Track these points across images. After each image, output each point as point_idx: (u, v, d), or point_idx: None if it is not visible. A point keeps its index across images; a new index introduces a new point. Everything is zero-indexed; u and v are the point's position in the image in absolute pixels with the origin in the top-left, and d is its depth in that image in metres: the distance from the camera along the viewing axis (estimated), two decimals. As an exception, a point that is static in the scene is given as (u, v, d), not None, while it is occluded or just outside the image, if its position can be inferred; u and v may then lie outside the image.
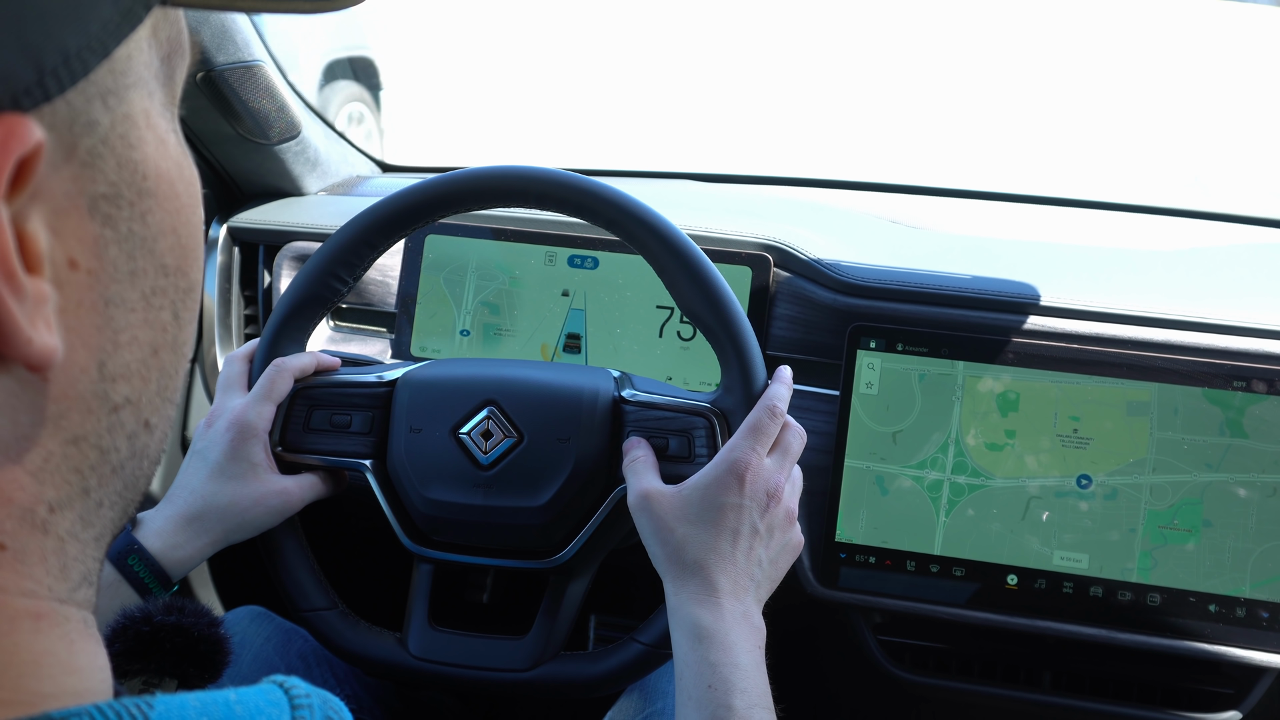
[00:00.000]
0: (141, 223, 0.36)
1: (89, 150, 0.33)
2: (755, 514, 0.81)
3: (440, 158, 7.06)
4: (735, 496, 0.80)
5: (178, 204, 0.38)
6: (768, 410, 0.84)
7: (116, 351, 0.36)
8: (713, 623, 0.77)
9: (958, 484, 1.12)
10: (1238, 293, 1.21)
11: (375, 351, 1.31)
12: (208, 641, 0.57)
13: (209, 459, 0.89)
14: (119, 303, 0.35)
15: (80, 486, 0.36)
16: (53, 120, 0.31)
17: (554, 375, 0.94)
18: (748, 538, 0.80)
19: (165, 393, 0.39)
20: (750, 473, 0.81)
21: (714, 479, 0.81)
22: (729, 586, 0.79)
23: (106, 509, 0.37)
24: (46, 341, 0.32)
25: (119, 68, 0.34)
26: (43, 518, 0.34)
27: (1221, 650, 1.08)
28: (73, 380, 0.34)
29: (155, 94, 0.37)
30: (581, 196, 0.90)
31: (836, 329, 1.19)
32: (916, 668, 1.22)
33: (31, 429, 0.33)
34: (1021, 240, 1.47)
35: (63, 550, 0.35)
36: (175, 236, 0.38)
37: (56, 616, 0.35)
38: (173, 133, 0.38)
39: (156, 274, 0.37)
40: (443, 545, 0.93)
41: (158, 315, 0.37)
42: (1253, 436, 1.08)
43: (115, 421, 0.36)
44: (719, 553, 0.79)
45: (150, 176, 0.36)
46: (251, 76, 1.30)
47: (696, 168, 1.83)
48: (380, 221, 0.93)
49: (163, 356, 0.38)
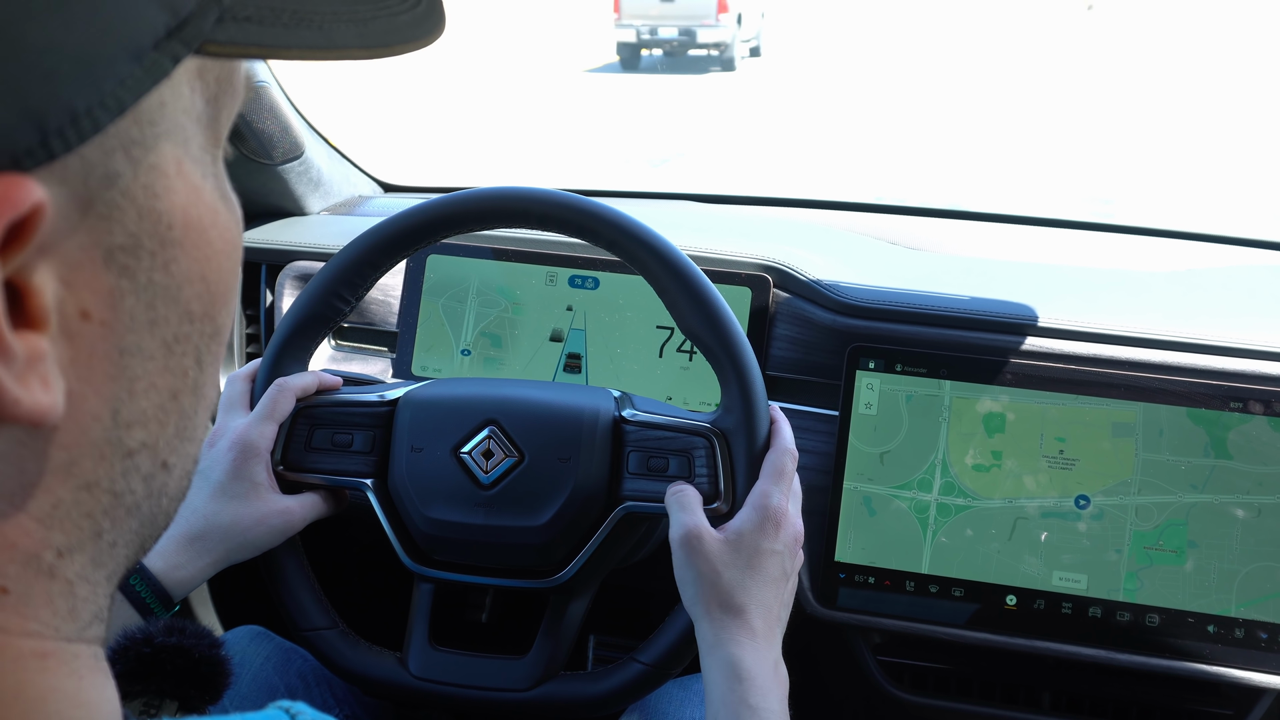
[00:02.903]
0: (164, 272, 0.34)
1: (107, 202, 0.32)
2: (787, 559, 0.84)
3: (442, 178, 7.08)
4: (772, 542, 0.83)
5: (208, 251, 0.36)
6: (788, 454, 0.87)
7: (132, 399, 0.35)
8: (753, 665, 0.79)
9: (945, 505, 1.13)
10: (1234, 313, 1.22)
11: (377, 371, 1.32)
12: (209, 663, 0.57)
13: (211, 479, 0.89)
14: (135, 352, 0.34)
15: (92, 531, 0.35)
16: (64, 175, 0.30)
17: (554, 395, 0.95)
18: (779, 583, 0.84)
19: (185, 433, 0.38)
20: (786, 520, 0.84)
21: (757, 525, 0.84)
22: (765, 631, 0.81)
23: (121, 548, 0.37)
24: (39, 400, 0.31)
25: (147, 117, 0.33)
26: (49, 562, 0.34)
27: (1220, 671, 1.08)
28: (84, 428, 0.33)
29: (193, 138, 0.35)
30: (582, 217, 0.91)
31: (835, 349, 1.19)
32: (915, 688, 1.22)
33: (38, 476, 0.33)
34: (1020, 261, 1.48)
35: (71, 593, 0.35)
36: (204, 284, 0.36)
37: (64, 655, 0.34)
38: (211, 176, 0.37)
39: (180, 321, 0.36)
40: (443, 564, 0.93)
41: (179, 362, 0.36)
42: (1237, 458, 1.09)
43: (130, 466, 0.35)
44: (760, 599, 0.82)
45: (177, 226, 0.34)
46: (256, 98, 1.31)
47: (696, 189, 1.84)
48: (383, 242, 0.94)
49: (182, 400, 0.37)
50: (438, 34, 0.40)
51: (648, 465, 0.90)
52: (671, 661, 0.90)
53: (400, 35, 0.38)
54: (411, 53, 0.39)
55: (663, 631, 0.90)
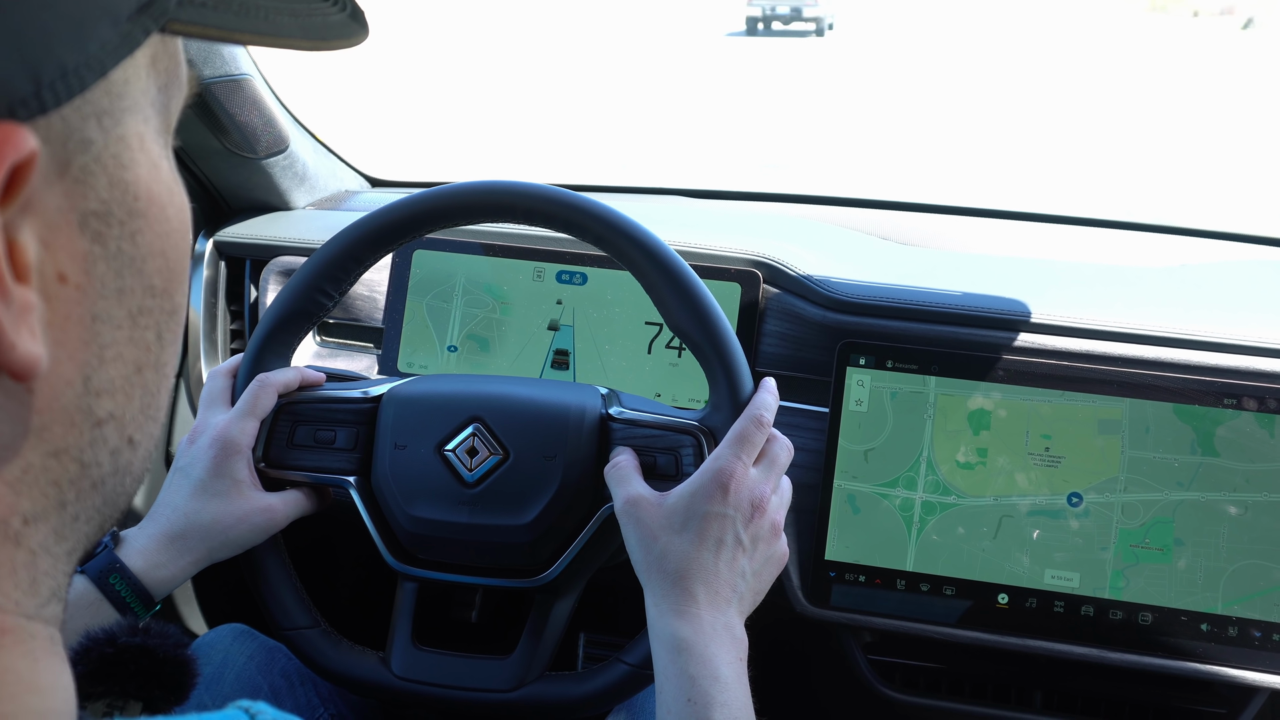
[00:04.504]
0: (131, 242, 0.36)
1: (82, 167, 0.34)
2: (739, 524, 0.80)
3: (428, 172, 7.06)
4: (719, 506, 0.79)
5: (168, 227, 0.38)
6: (754, 420, 0.83)
7: (101, 367, 0.36)
8: (691, 634, 0.75)
9: (930, 503, 1.12)
10: (1229, 309, 1.21)
11: (361, 367, 1.30)
12: (173, 663, 0.56)
13: (192, 476, 0.88)
14: (105, 319, 0.36)
15: (57, 500, 0.35)
16: (48, 134, 0.32)
17: (540, 392, 0.93)
18: (731, 548, 0.79)
19: (149, 410, 0.39)
20: (735, 482, 0.80)
21: (698, 488, 0.80)
22: (708, 598, 0.78)
23: (83, 523, 0.37)
24: (30, 349, 0.32)
25: (116, 90, 0.35)
26: (16, 529, 0.34)
27: (1214, 670, 1.08)
28: (57, 393, 0.34)
29: (151, 120, 0.38)
30: (569, 212, 0.89)
31: (826, 346, 1.18)
32: (907, 687, 1.21)
33: (12, 440, 0.33)
34: (1012, 256, 1.47)
35: (34, 564, 0.35)
36: (164, 259, 0.38)
37: (22, 633, 0.34)
38: (165, 159, 0.39)
39: (144, 294, 0.37)
40: (427, 563, 0.92)
41: (142, 334, 0.38)
42: (1224, 455, 1.08)
43: (98, 436, 0.36)
44: (700, 563, 0.78)
45: (142, 198, 0.37)
46: (239, 90, 1.29)
47: (686, 183, 1.83)
48: (367, 236, 0.92)
49: (146, 375, 0.38)
50: (364, 35, 0.45)
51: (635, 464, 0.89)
52: None
53: (335, 31, 0.43)
54: (345, 49, 0.44)
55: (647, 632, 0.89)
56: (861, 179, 7.82)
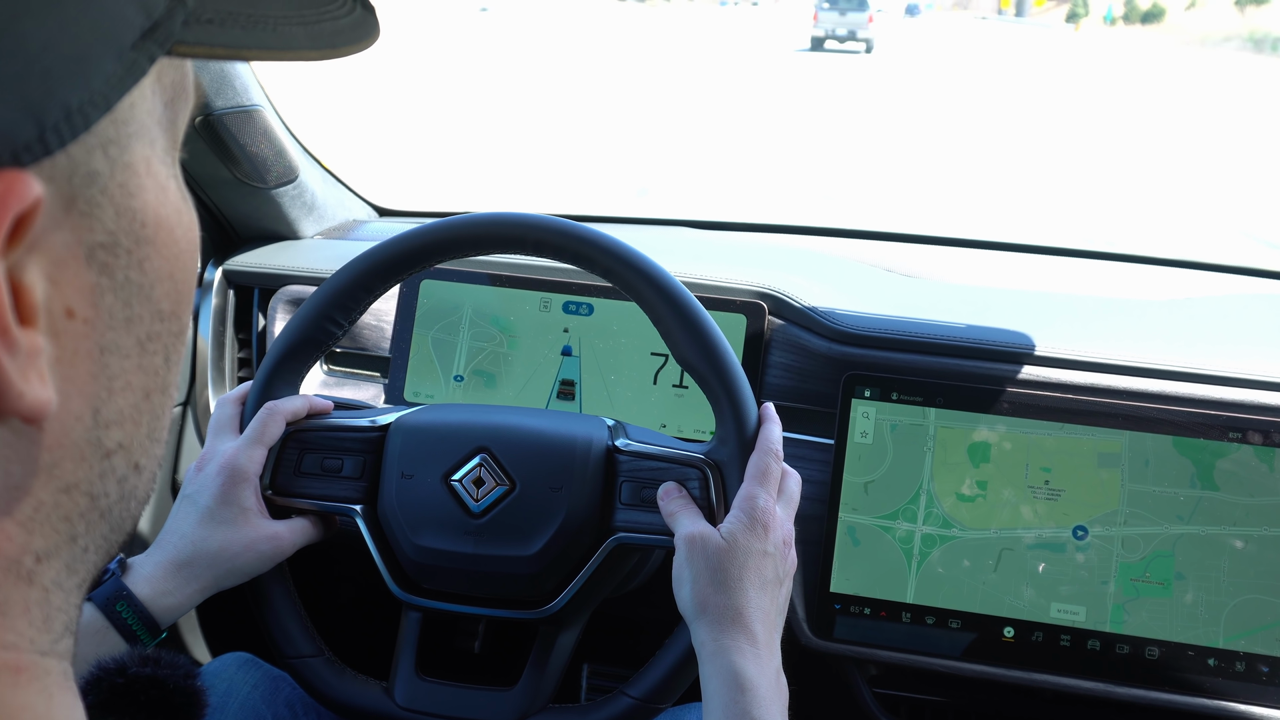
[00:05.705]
0: (139, 270, 0.36)
1: (88, 200, 0.33)
2: (779, 562, 0.82)
3: (437, 203, 7.09)
4: (764, 544, 0.81)
5: (176, 250, 0.38)
6: (772, 455, 0.85)
7: (110, 398, 0.35)
8: (755, 675, 0.76)
9: (930, 535, 1.12)
10: (1234, 343, 1.21)
11: (369, 396, 1.31)
12: (183, 693, 0.56)
13: (199, 504, 0.88)
14: (114, 349, 0.35)
15: (69, 534, 0.35)
16: (52, 173, 0.31)
17: (547, 423, 0.93)
18: (773, 586, 0.81)
19: (154, 434, 0.39)
20: (774, 520, 0.82)
21: (746, 527, 0.81)
22: (766, 638, 0.79)
23: (92, 554, 0.37)
24: (39, 395, 0.31)
25: (121, 117, 0.34)
26: (29, 568, 0.34)
27: (1222, 705, 1.07)
28: (67, 429, 0.34)
29: (157, 141, 0.37)
30: (577, 244, 0.90)
31: (831, 377, 1.19)
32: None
33: (24, 479, 0.33)
34: (1017, 289, 1.47)
35: (47, 601, 0.35)
36: (172, 282, 0.38)
37: (37, 669, 0.34)
38: (173, 178, 0.38)
39: (152, 319, 0.37)
40: (432, 593, 0.92)
41: (151, 360, 0.37)
42: (1223, 489, 1.08)
43: (107, 467, 0.36)
44: (759, 603, 0.79)
45: (149, 224, 0.36)
46: (250, 121, 1.30)
47: (692, 215, 1.83)
48: (377, 266, 0.93)
49: (153, 400, 0.38)
50: (375, 37, 0.44)
51: (640, 496, 0.89)
52: (661, 696, 0.88)
53: (344, 37, 0.41)
54: (355, 54, 0.42)
55: (653, 665, 0.88)
56: (864, 208, 7.85)
